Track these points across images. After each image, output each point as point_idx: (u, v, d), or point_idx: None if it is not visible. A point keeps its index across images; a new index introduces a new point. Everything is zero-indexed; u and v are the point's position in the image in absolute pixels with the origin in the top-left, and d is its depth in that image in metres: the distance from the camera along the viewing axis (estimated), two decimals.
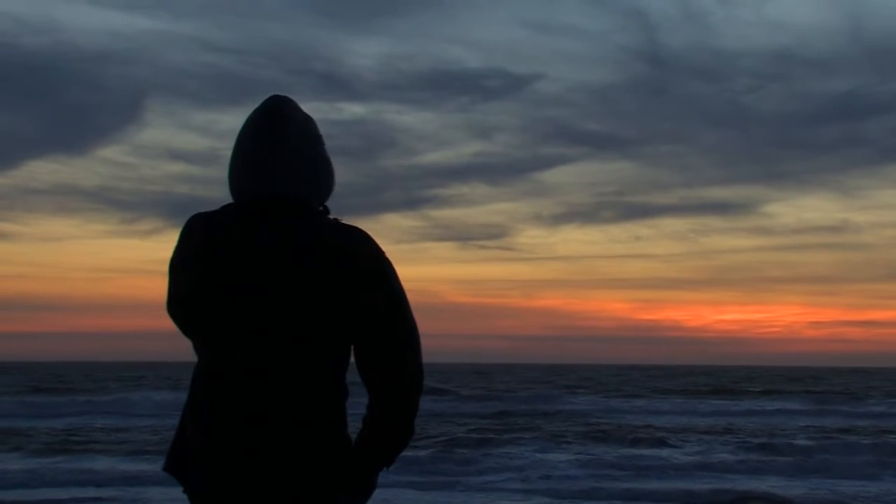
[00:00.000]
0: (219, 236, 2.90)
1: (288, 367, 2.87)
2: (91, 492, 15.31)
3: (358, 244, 2.92)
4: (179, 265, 2.95)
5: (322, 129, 3.08)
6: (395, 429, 2.96)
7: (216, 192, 3.08)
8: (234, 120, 2.99)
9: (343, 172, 3.14)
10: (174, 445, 3.00)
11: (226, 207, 2.98)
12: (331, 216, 3.00)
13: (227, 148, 3.05)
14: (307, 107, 3.08)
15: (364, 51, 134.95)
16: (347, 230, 2.95)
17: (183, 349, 3.06)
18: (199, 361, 2.96)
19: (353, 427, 3.03)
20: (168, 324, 3.03)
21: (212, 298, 2.88)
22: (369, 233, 2.98)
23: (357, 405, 2.97)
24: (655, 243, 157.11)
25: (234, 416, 2.86)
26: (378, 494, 3.15)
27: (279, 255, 2.87)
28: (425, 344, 3.02)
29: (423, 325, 3.02)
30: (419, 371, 2.97)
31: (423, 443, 21.58)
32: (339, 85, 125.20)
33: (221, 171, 3.04)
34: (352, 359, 3.00)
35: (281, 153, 2.95)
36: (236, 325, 2.86)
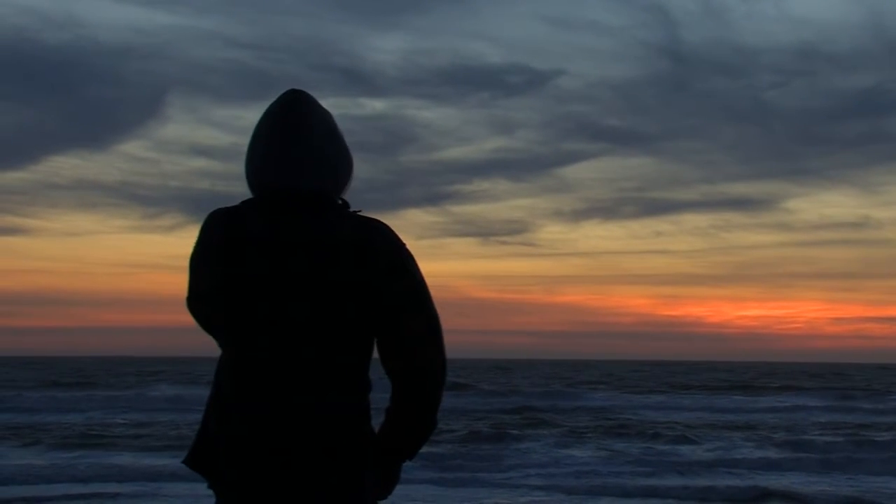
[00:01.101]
0: (240, 231, 2.89)
1: (311, 360, 2.87)
2: (112, 487, 15.37)
3: (379, 236, 2.92)
4: (200, 260, 2.94)
5: (343, 125, 3.08)
6: (417, 420, 2.96)
7: (238, 187, 3.07)
8: (255, 115, 2.96)
9: (364, 168, 3.15)
10: (198, 440, 2.99)
11: (246, 203, 2.98)
12: (351, 209, 3.01)
13: (248, 143, 3.05)
14: (329, 102, 3.08)
15: (385, 46, 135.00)
16: (368, 222, 2.95)
17: (203, 344, 3.06)
18: (223, 356, 2.96)
19: (376, 421, 3.03)
20: (189, 319, 3.03)
21: (234, 293, 2.87)
22: (389, 225, 2.99)
23: (378, 399, 2.97)
24: (676, 239, 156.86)
25: (258, 410, 2.86)
26: (399, 490, 3.15)
27: (300, 248, 2.87)
28: (446, 339, 3.01)
29: (445, 320, 3.01)
30: (442, 362, 2.97)
31: (444, 437, 21.61)
32: (360, 80, 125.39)
33: (243, 167, 3.04)
34: (375, 353, 3.00)
35: (302, 147, 2.95)
36: (259, 319, 2.86)
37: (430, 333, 2.94)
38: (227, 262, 2.88)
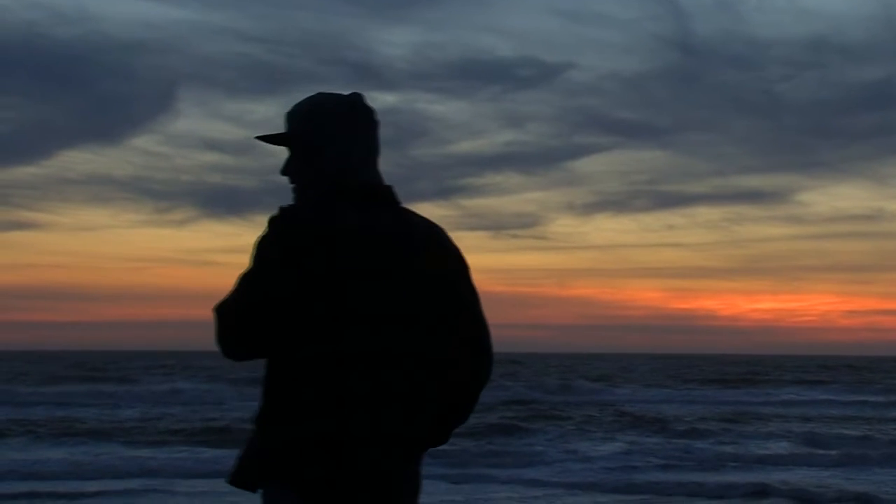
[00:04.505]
0: (337, 225, 2.84)
1: (432, 353, 2.93)
2: (135, 483, 15.40)
3: (445, 233, 3.06)
4: (286, 260, 2.80)
5: None
6: (462, 412, 3.06)
7: (249, 181, 3.04)
8: (266, 109, 2.95)
9: None
10: (286, 444, 2.82)
11: (324, 197, 2.93)
12: None
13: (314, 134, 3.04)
14: None
15: (396, 40, 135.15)
16: (427, 219, 3.06)
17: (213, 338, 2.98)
18: (320, 352, 2.83)
19: None
20: (201, 312, 2.98)
21: (340, 287, 2.81)
22: None
23: None
24: (689, 232, 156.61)
25: (386, 402, 2.85)
26: None
27: (402, 241, 2.92)
28: None
29: None
30: (492, 357, 3.05)
31: (457, 433, 21.55)
32: (370, 74, 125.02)
33: (254, 161, 3.06)
34: None
35: (376, 145, 3.05)
36: (382, 313, 2.86)
37: (486, 328, 3.04)
38: (328, 257, 2.81)
